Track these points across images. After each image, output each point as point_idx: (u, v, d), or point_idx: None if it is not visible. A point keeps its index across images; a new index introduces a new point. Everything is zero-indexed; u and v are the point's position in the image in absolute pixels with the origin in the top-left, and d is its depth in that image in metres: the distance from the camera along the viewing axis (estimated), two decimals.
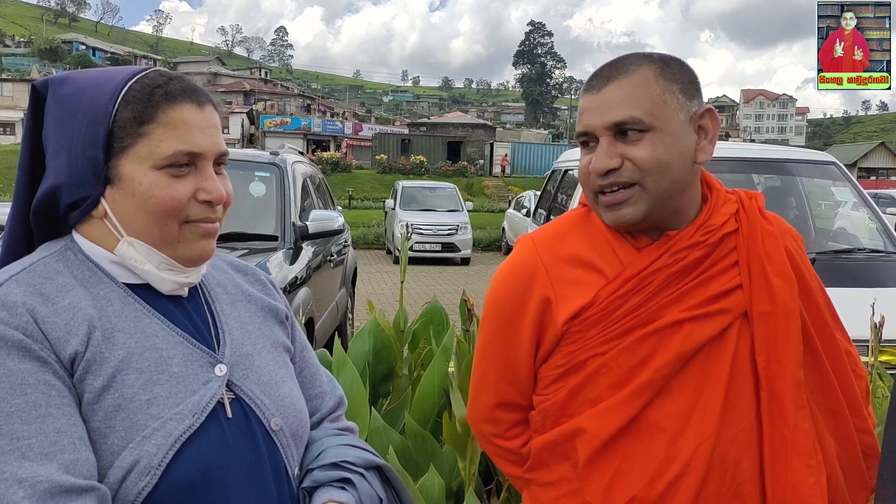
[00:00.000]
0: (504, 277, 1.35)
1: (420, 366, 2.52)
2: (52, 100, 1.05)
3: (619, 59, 1.26)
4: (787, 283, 1.21)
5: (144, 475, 0.93)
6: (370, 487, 1.13)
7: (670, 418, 1.18)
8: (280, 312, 1.25)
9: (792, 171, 5.26)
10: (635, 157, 1.19)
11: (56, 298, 0.98)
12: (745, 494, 1.17)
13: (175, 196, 1.02)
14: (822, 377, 1.24)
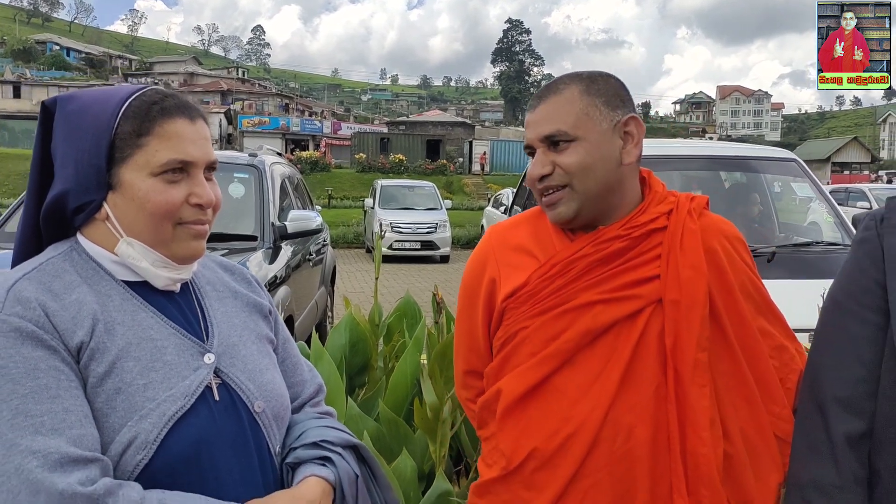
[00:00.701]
0: (469, 262, 1.61)
1: (394, 357, 2.65)
2: (61, 115, 1.18)
3: (553, 80, 1.49)
4: (697, 275, 1.38)
5: (141, 449, 1.07)
6: (347, 465, 1.27)
7: (573, 384, 1.37)
8: (264, 307, 1.39)
9: (756, 168, 5.43)
10: (563, 164, 1.41)
11: (63, 295, 1.11)
12: (636, 457, 1.34)
13: (170, 200, 1.16)
14: (733, 362, 1.40)
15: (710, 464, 1.33)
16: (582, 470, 1.35)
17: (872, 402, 1.21)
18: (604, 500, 1.35)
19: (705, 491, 1.33)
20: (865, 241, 1.28)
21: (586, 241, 1.43)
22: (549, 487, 1.36)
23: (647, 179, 1.51)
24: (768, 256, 4.31)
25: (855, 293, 1.26)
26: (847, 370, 1.24)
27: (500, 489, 1.44)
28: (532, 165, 1.44)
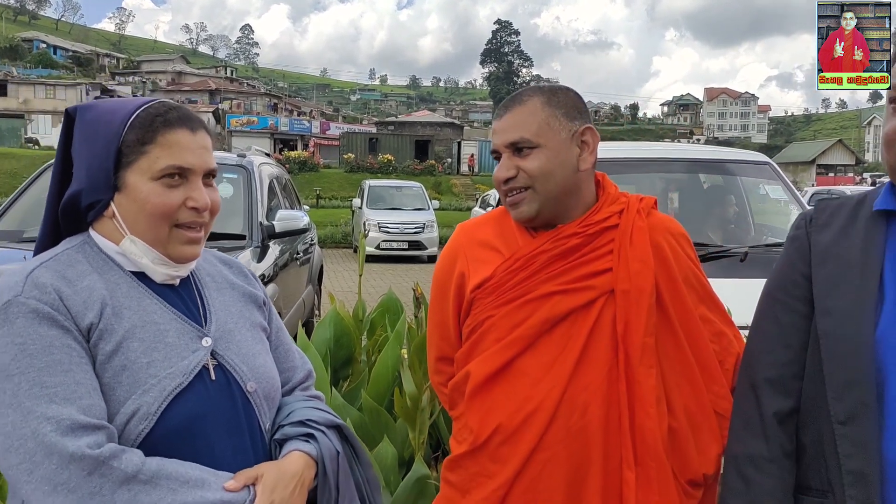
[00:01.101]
0: (441, 257, 1.76)
1: (377, 351, 2.77)
2: (80, 122, 1.33)
3: (517, 92, 1.65)
4: (645, 268, 1.54)
5: (143, 420, 1.21)
6: (330, 442, 1.40)
7: (534, 367, 1.52)
8: (258, 299, 1.53)
9: (732, 171, 5.59)
10: (526, 168, 1.56)
11: (76, 281, 1.25)
12: (590, 432, 1.50)
13: (167, 202, 1.29)
14: (677, 346, 1.56)
15: (657, 437, 1.48)
16: (541, 444, 1.50)
17: (799, 382, 1.36)
18: (561, 470, 1.50)
19: (652, 462, 1.48)
20: (796, 238, 1.42)
21: (546, 237, 1.59)
22: (512, 460, 1.51)
23: (602, 182, 1.67)
24: (741, 256, 4.46)
25: (785, 285, 1.40)
26: (776, 354, 1.38)
27: (469, 463, 1.59)
28: (497, 169, 1.60)
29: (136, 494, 1.13)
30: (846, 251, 1.34)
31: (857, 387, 1.25)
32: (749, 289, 2.01)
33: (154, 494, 1.14)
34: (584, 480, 1.50)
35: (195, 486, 1.18)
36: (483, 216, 1.77)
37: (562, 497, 1.50)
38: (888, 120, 1.31)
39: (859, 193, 1.45)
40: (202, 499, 1.18)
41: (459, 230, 1.75)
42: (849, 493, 1.24)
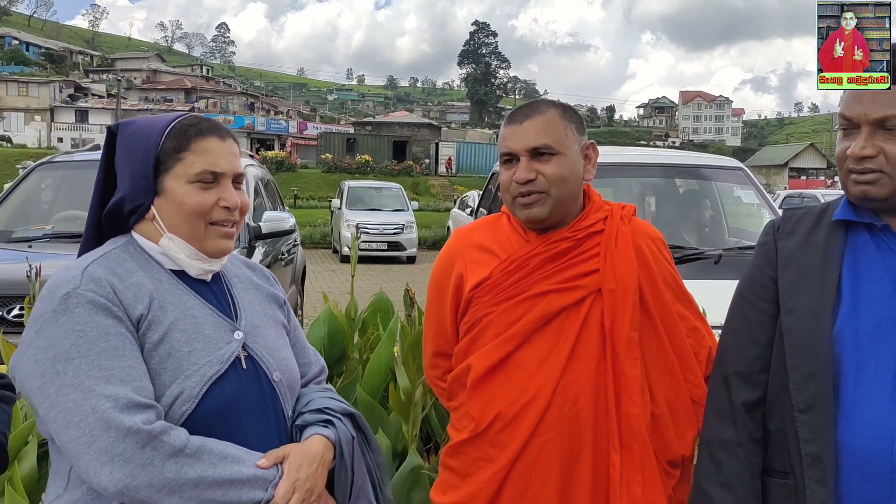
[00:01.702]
0: (438, 259, 1.90)
1: (369, 349, 2.89)
2: (122, 137, 1.48)
3: (534, 102, 1.79)
4: (628, 269, 1.69)
5: (186, 402, 1.35)
6: (346, 428, 1.55)
7: (530, 360, 1.67)
8: (279, 299, 1.69)
9: (707, 176, 5.77)
10: (545, 172, 1.70)
11: (125, 277, 1.39)
12: (584, 418, 1.65)
13: (202, 202, 1.44)
14: (658, 340, 1.72)
15: (641, 423, 1.64)
16: (538, 430, 1.64)
17: (765, 375, 1.50)
18: (555, 453, 1.64)
19: (636, 445, 1.63)
20: (764, 244, 1.57)
21: (539, 241, 1.74)
22: (511, 444, 1.66)
23: (588, 191, 1.82)
24: (715, 258, 4.63)
25: (754, 287, 1.54)
26: (745, 349, 1.53)
27: (470, 449, 1.73)
28: (519, 171, 1.70)
29: (182, 467, 1.27)
30: (809, 257, 1.48)
31: (816, 378, 1.39)
32: (722, 290, 2.16)
33: (198, 467, 1.28)
34: (576, 462, 1.65)
35: (232, 462, 1.33)
36: (477, 221, 1.92)
37: (556, 478, 1.65)
38: (840, 142, 1.46)
39: (822, 204, 1.59)
40: (238, 473, 1.32)
41: (456, 235, 1.89)
42: (807, 473, 1.38)
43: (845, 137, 1.44)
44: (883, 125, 1.38)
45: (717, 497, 1.49)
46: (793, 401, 1.41)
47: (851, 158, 1.41)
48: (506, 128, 1.77)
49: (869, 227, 1.46)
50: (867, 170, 1.39)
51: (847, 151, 1.41)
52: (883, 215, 1.44)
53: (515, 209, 1.75)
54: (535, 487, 1.66)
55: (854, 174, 1.41)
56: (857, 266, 1.44)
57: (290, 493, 1.38)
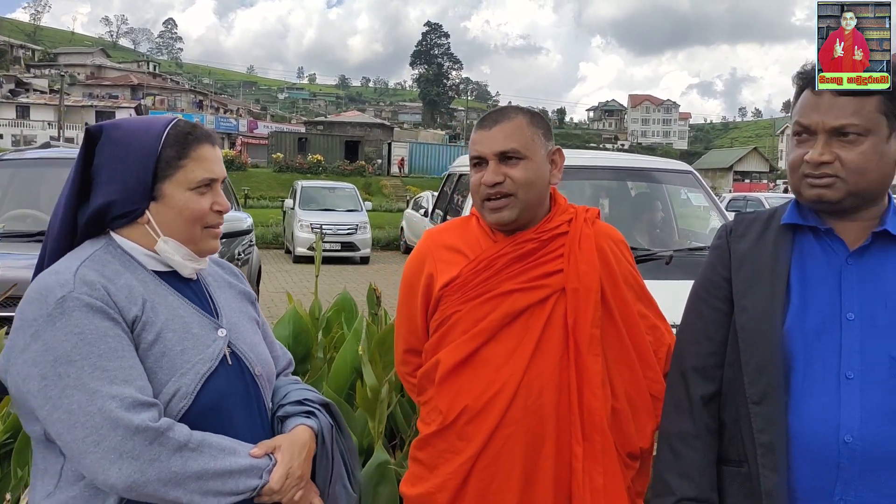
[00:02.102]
0: (409, 260, 1.97)
1: (333, 348, 2.93)
2: (107, 141, 1.49)
3: (501, 109, 1.86)
4: (591, 269, 1.77)
5: (183, 399, 1.40)
6: (325, 418, 1.64)
7: (496, 356, 1.74)
8: (251, 296, 1.74)
9: (658, 179, 5.92)
10: (514, 176, 1.77)
11: (114, 279, 1.42)
12: (548, 412, 1.73)
13: (202, 208, 1.49)
14: (618, 337, 1.80)
15: (602, 416, 1.72)
16: (503, 422, 1.72)
17: (720, 370, 1.59)
18: (519, 445, 1.72)
19: (597, 437, 1.71)
20: (718, 247, 1.66)
21: (507, 242, 1.81)
22: (477, 436, 1.73)
23: (553, 194, 1.90)
24: (666, 259, 4.77)
25: (709, 287, 1.63)
26: (701, 346, 1.62)
27: (438, 441, 1.79)
28: (487, 174, 1.78)
29: (186, 460, 1.33)
30: (759, 258, 1.58)
31: (768, 372, 1.48)
32: (674, 289, 2.26)
33: (201, 460, 1.35)
34: (540, 453, 1.72)
35: (230, 454, 1.40)
36: (447, 224, 1.99)
37: (520, 468, 1.72)
38: (792, 150, 1.56)
39: (769, 209, 1.68)
40: (236, 464, 1.39)
41: (427, 235, 1.96)
42: (761, 461, 1.47)
43: (800, 144, 1.53)
44: (839, 133, 1.47)
45: (676, 486, 1.57)
46: (747, 393, 1.50)
47: (808, 164, 1.49)
48: (476, 132, 1.84)
49: (814, 230, 1.56)
50: (824, 174, 1.48)
51: (805, 157, 1.50)
52: (828, 219, 1.54)
53: (484, 212, 1.82)
54: (500, 478, 1.72)
55: (810, 178, 1.50)
56: (804, 267, 1.54)
57: (284, 480, 1.45)
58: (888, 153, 1.48)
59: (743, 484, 1.52)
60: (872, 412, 1.42)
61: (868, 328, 1.46)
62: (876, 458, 1.41)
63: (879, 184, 1.49)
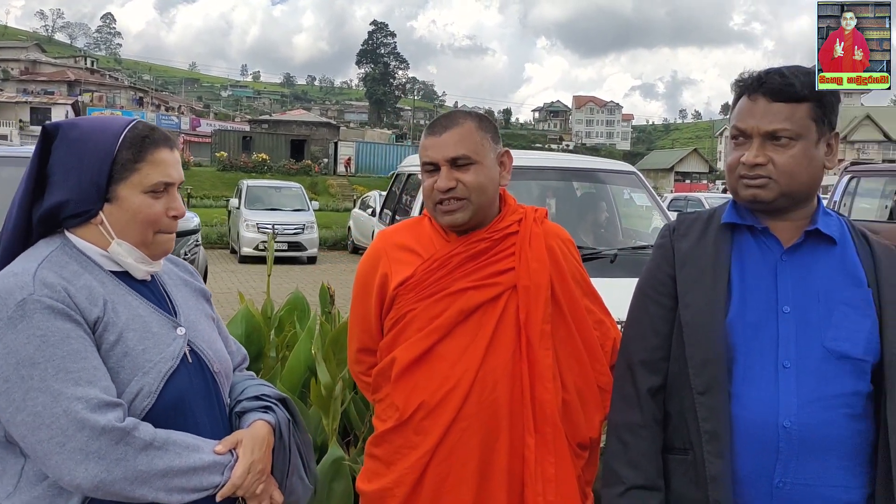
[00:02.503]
0: (362, 260, 1.99)
1: (286, 347, 2.95)
2: (63, 139, 1.48)
3: (452, 113, 1.90)
4: (541, 266, 1.84)
5: (146, 397, 1.41)
6: (283, 412, 1.67)
7: (451, 352, 1.79)
8: (206, 293, 1.75)
9: (602, 179, 6.05)
10: (465, 181, 1.82)
11: (74, 280, 1.42)
12: (501, 405, 1.78)
13: (156, 212, 1.49)
14: (568, 332, 1.87)
15: (553, 408, 1.78)
16: (459, 416, 1.77)
17: (666, 363, 1.66)
18: (475, 438, 1.77)
19: (549, 428, 1.78)
20: (661, 245, 1.73)
21: (459, 242, 1.86)
22: (434, 431, 1.78)
23: (503, 195, 1.96)
24: (611, 258, 4.88)
25: (654, 284, 1.71)
26: (648, 340, 1.68)
27: (394, 437, 1.83)
28: (440, 179, 1.82)
29: (152, 458, 1.34)
30: (701, 256, 1.65)
31: (712, 364, 1.56)
32: (619, 287, 2.34)
33: (166, 458, 1.36)
34: (495, 445, 1.78)
35: (194, 451, 1.42)
36: (400, 224, 2.04)
37: (476, 460, 1.77)
38: (730, 152, 1.65)
39: (710, 209, 1.76)
40: (200, 461, 1.41)
41: (381, 236, 2.00)
42: (706, 448, 1.55)
43: (737, 147, 1.62)
44: (772, 137, 1.56)
45: (625, 475, 1.63)
46: (692, 385, 1.58)
47: (744, 165, 1.58)
48: (426, 138, 1.88)
49: (751, 229, 1.64)
50: (758, 175, 1.57)
51: (741, 159, 1.59)
52: (764, 218, 1.64)
53: (437, 215, 1.87)
54: (456, 471, 1.77)
55: (746, 179, 1.59)
56: (743, 264, 1.63)
57: (246, 475, 1.47)
58: (817, 157, 1.58)
59: (688, 471, 1.59)
60: (808, 398, 1.51)
61: (802, 320, 1.56)
62: (811, 442, 1.50)
63: (809, 185, 1.59)
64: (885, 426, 1.51)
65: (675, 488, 1.62)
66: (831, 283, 1.58)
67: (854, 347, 1.53)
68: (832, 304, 1.56)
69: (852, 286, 1.58)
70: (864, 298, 1.56)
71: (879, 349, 1.53)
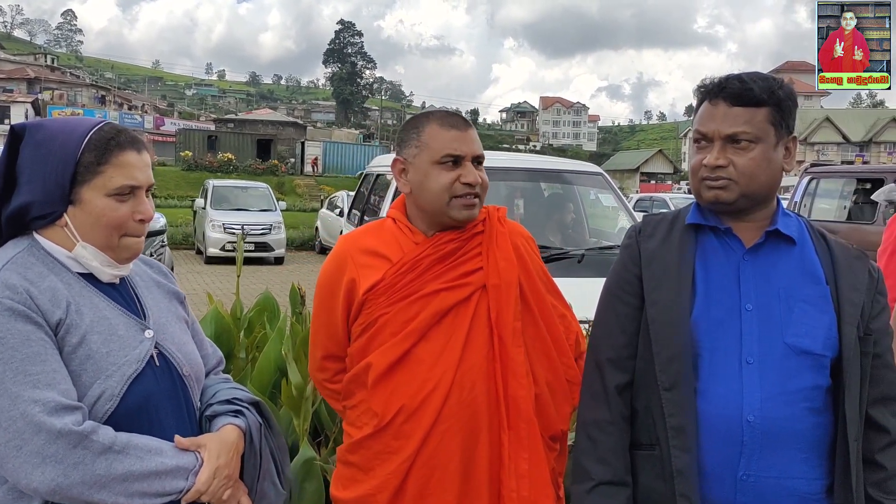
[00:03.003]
0: (326, 265, 1.97)
1: (255, 348, 2.94)
2: (30, 141, 1.47)
3: (458, 113, 1.97)
4: (509, 265, 1.87)
5: (108, 401, 1.40)
6: (254, 417, 1.65)
7: (428, 354, 1.79)
8: (180, 295, 1.74)
9: (570, 180, 6.12)
10: (483, 180, 1.87)
11: (38, 282, 1.40)
12: (480, 404, 1.80)
13: (120, 216, 1.47)
14: (537, 328, 1.90)
15: (528, 403, 1.81)
16: (439, 418, 1.78)
17: (633, 361, 1.70)
18: (456, 439, 1.78)
19: (523, 424, 1.80)
20: (628, 246, 1.77)
21: (428, 244, 1.87)
22: (415, 434, 1.78)
23: None
24: (578, 258, 4.94)
25: (621, 283, 1.74)
26: (615, 339, 1.72)
27: (372, 443, 1.82)
28: (470, 175, 1.84)
29: (111, 463, 1.33)
30: (666, 256, 1.69)
31: (678, 361, 1.60)
32: (587, 286, 2.38)
33: (126, 462, 1.35)
34: (475, 445, 1.79)
35: (156, 454, 1.40)
36: (362, 228, 2.02)
37: (458, 461, 1.78)
38: (693, 155, 1.69)
39: (674, 210, 1.81)
40: (162, 465, 1.40)
41: (344, 241, 1.97)
42: (672, 443, 1.58)
43: (700, 150, 1.67)
44: (732, 140, 1.61)
45: (594, 471, 1.66)
46: (658, 381, 1.61)
47: (706, 167, 1.63)
48: (448, 131, 1.86)
49: (714, 229, 1.69)
50: (719, 177, 1.62)
51: (703, 161, 1.63)
52: (726, 219, 1.68)
53: (453, 210, 1.84)
54: (439, 473, 1.78)
55: (708, 181, 1.63)
56: (707, 263, 1.67)
57: (211, 480, 1.46)
58: (775, 159, 1.63)
59: (655, 465, 1.63)
60: (770, 393, 1.56)
61: (764, 318, 1.60)
62: (773, 435, 1.55)
63: (768, 187, 1.64)
64: (843, 419, 1.57)
65: (643, 483, 1.66)
66: (791, 281, 1.63)
67: (813, 343, 1.58)
68: (792, 301, 1.61)
69: (811, 284, 1.63)
70: (822, 296, 1.62)
71: (838, 344, 1.59)
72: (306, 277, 12.10)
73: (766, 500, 1.56)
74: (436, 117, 1.91)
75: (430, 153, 1.86)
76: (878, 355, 1.63)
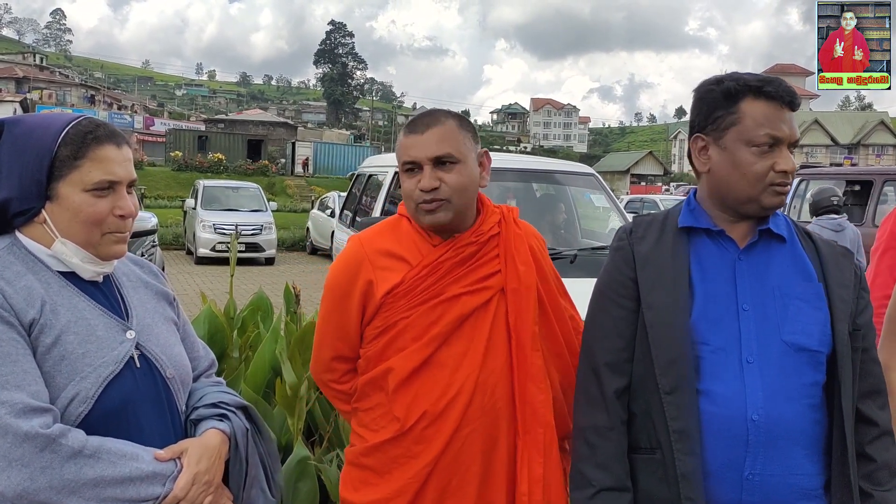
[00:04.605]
0: (339, 266, 1.89)
1: (248, 348, 2.93)
2: (8, 136, 1.44)
3: (432, 111, 1.86)
4: (528, 268, 1.83)
5: (82, 403, 1.36)
6: (240, 421, 1.60)
7: (450, 359, 1.77)
8: (169, 296, 1.69)
9: (562, 181, 6.13)
10: (448, 181, 1.77)
11: (14, 281, 1.37)
12: (500, 408, 1.79)
13: (98, 211, 1.43)
14: (551, 331, 1.88)
15: (547, 408, 1.80)
16: (462, 423, 1.76)
17: (630, 365, 1.68)
18: (478, 443, 1.77)
19: (541, 429, 1.78)
20: (620, 248, 1.75)
21: (447, 247, 1.82)
22: (437, 439, 1.75)
23: (480, 195, 1.92)
24: (570, 258, 4.95)
25: (614, 286, 1.72)
26: (612, 342, 1.70)
27: (390, 447, 1.79)
28: (424, 179, 1.77)
29: (81, 467, 1.29)
30: (660, 258, 1.68)
31: (678, 363, 1.59)
32: (579, 287, 2.38)
33: (97, 467, 1.31)
34: (495, 449, 1.78)
35: (131, 459, 1.35)
36: (377, 227, 1.94)
37: (478, 465, 1.77)
38: (757, 160, 1.62)
39: (662, 212, 1.79)
40: (137, 470, 1.35)
41: (359, 241, 1.89)
42: (676, 447, 1.57)
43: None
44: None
45: (594, 477, 1.64)
46: (658, 384, 1.60)
47: (782, 174, 1.61)
48: (407, 137, 1.82)
49: (707, 231, 1.69)
50: (785, 183, 1.62)
51: (776, 168, 1.61)
52: (720, 221, 1.69)
53: (419, 215, 1.80)
54: (458, 477, 1.76)
55: (776, 187, 1.61)
56: (703, 265, 1.67)
57: (190, 486, 1.41)
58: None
59: (656, 469, 1.62)
60: (772, 391, 1.57)
61: (761, 317, 1.61)
62: (777, 432, 1.56)
63: None
64: (839, 414, 1.58)
65: (643, 488, 1.64)
66: (785, 279, 1.64)
67: (809, 339, 1.59)
68: (787, 299, 1.62)
69: (804, 281, 1.64)
70: (815, 293, 1.63)
71: (832, 341, 1.60)
72: (297, 278, 12.05)
73: (771, 498, 1.57)
74: (410, 121, 1.88)
75: (401, 160, 1.82)
76: (865, 350, 1.66)
